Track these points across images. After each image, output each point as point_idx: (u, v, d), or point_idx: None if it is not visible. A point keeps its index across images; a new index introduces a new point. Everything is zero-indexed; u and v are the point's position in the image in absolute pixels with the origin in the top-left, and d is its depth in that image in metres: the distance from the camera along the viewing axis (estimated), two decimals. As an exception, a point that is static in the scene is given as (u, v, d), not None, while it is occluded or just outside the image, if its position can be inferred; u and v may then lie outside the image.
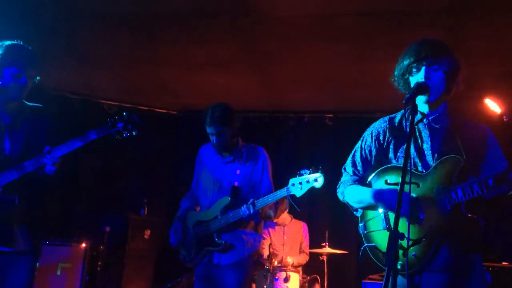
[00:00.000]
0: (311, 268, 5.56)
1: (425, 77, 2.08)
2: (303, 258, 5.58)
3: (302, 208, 5.60)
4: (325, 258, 5.19)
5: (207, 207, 3.42)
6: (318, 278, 5.29)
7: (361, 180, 2.34)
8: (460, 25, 3.94)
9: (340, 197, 2.40)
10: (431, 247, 2.00)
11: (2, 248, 2.57)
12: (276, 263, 5.10)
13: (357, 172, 2.36)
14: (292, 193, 3.07)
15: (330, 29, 4.14)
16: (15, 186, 2.59)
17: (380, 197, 2.13)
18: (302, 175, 3.08)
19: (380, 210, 2.18)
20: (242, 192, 3.33)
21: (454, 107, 2.23)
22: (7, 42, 2.67)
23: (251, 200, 3.15)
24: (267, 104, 6.29)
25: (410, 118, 1.97)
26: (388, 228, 2.15)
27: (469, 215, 1.97)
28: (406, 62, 2.15)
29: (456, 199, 1.98)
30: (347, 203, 2.36)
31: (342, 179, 2.43)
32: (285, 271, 4.94)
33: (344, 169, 2.43)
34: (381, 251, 2.15)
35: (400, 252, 2.02)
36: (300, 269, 5.34)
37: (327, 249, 5.18)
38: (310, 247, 5.62)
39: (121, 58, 4.99)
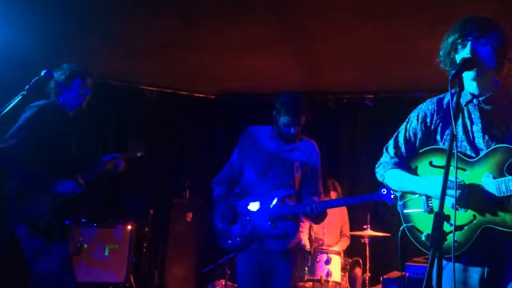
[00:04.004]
0: (352, 250, 5.52)
1: (471, 52, 1.98)
2: (345, 243, 5.55)
3: (344, 192, 5.59)
4: (366, 240, 5.14)
5: (261, 193, 3.34)
6: (360, 260, 5.26)
7: (403, 162, 2.27)
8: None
9: (380, 178, 2.35)
10: (473, 236, 1.94)
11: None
12: (317, 245, 5.10)
13: (399, 154, 2.30)
14: (383, 199, 3.15)
15: (371, 7, 4.03)
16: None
17: (424, 187, 2.07)
18: None
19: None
20: (300, 184, 3.37)
21: (508, 87, 2.11)
22: (67, 64, 3.41)
23: (317, 202, 3.22)
24: (305, 85, 6.21)
25: (456, 96, 1.90)
26: (429, 210, 2.10)
27: None
28: (450, 39, 2.05)
29: (505, 192, 1.89)
30: (387, 185, 2.32)
31: (382, 159, 2.37)
32: (326, 253, 4.93)
33: (386, 149, 2.36)
34: (420, 231, 2.11)
35: None
36: (341, 251, 5.32)
37: (369, 232, 5.13)
38: (352, 230, 5.58)
39: (161, 44, 5.05)
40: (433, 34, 2.25)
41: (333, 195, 5.47)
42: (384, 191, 3.11)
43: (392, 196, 3.08)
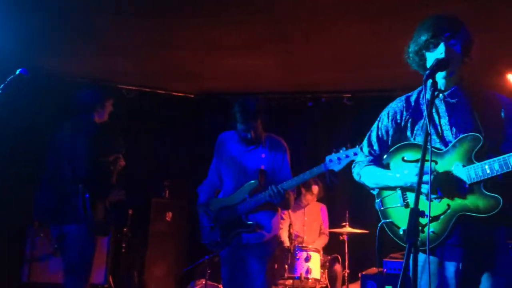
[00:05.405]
0: (331, 247, 5.59)
1: (445, 53, 2.04)
2: (324, 240, 5.62)
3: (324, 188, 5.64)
4: (345, 237, 5.21)
5: (231, 192, 3.50)
6: (339, 257, 5.33)
7: (377, 160, 2.33)
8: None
9: (356, 177, 2.40)
10: (449, 224, 2.00)
11: None
12: (296, 243, 5.15)
13: (373, 152, 2.35)
14: (330, 168, 3.19)
15: (351, 8, 4.08)
16: None
17: (398, 179, 2.13)
18: (338, 151, 3.17)
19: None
20: (267, 176, 3.43)
21: (470, 80, 2.19)
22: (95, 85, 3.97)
23: (273, 186, 3.27)
24: (284, 85, 6.25)
25: (430, 94, 1.95)
26: (405, 205, 2.15)
27: (489, 193, 1.94)
28: (423, 38, 2.10)
29: (475, 178, 1.96)
30: (363, 183, 2.36)
31: (357, 159, 2.43)
32: (306, 251, 4.98)
33: (361, 149, 2.42)
34: (398, 226, 2.16)
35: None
36: (321, 249, 5.38)
37: (348, 229, 5.20)
38: (331, 227, 5.65)
39: (139, 43, 5.01)
40: (409, 34, 2.30)
41: (315, 189, 5.52)
42: (330, 160, 3.17)
43: (338, 164, 3.15)
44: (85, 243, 3.61)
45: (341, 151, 3.16)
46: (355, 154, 3.09)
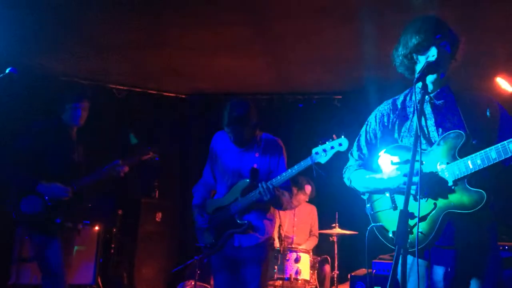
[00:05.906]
0: (321, 248, 5.61)
1: (437, 55, 2.05)
2: (313, 242, 5.63)
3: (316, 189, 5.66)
4: (335, 238, 5.23)
5: (225, 193, 3.44)
6: (329, 258, 5.35)
7: (367, 164, 2.34)
8: (475, 2, 3.87)
9: (347, 182, 2.40)
10: (436, 224, 2.00)
11: None
12: (286, 244, 5.15)
13: (362, 156, 2.36)
14: (317, 161, 3.15)
15: (340, 8, 4.10)
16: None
17: (386, 181, 2.13)
18: (324, 143, 3.15)
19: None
20: (260, 175, 3.37)
21: (455, 81, 2.21)
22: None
23: (270, 181, 3.23)
24: (276, 86, 6.27)
25: (420, 97, 1.97)
26: (394, 207, 2.16)
27: (473, 188, 1.94)
28: (414, 41, 2.10)
29: (459, 174, 1.97)
30: (354, 188, 2.36)
31: (348, 164, 2.43)
32: (296, 252, 4.98)
33: (351, 154, 2.44)
34: (387, 230, 2.17)
35: None
36: (310, 250, 5.39)
37: (337, 230, 5.21)
38: (320, 228, 5.67)
39: (130, 43, 4.99)
40: (399, 36, 2.30)
41: (308, 188, 5.54)
42: (316, 152, 3.14)
43: (325, 155, 3.12)
44: (42, 242, 3.53)
45: (326, 142, 3.14)
46: (340, 144, 3.09)
